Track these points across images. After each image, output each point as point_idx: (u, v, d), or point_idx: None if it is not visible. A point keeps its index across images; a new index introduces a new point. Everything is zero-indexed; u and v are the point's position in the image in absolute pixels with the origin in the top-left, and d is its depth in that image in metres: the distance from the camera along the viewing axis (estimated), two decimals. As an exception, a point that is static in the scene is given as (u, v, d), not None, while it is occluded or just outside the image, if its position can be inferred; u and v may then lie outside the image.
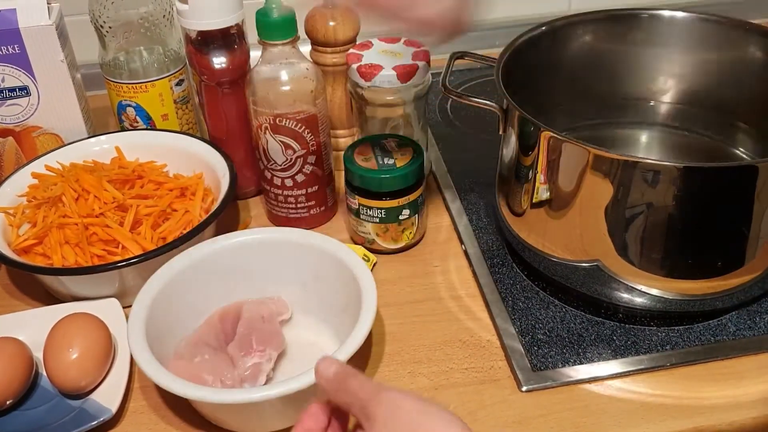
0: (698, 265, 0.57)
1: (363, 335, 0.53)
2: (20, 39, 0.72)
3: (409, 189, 0.67)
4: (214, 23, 0.68)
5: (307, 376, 0.49)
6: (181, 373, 0.52)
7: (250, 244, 0.62)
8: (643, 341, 0.60)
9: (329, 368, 0.44)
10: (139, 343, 0.53)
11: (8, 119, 0.76)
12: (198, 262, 0.60)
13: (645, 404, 0.56)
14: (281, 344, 0.59)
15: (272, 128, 0.68)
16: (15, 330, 0.60)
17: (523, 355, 0.59)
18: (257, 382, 0.56)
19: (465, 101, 0.65)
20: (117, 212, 0.67)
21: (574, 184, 0.57)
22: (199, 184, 0.71)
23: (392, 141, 0.69)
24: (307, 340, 0.61)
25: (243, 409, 0.52)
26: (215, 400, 0.50)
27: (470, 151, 0.84)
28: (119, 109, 0.77)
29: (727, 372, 0.58)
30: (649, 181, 0.53)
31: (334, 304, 0.60)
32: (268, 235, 0.63)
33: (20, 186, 0.71)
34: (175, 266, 0.60)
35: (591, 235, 0.58)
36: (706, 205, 0.55)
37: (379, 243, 0.69)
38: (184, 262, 0.60)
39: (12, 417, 0.56)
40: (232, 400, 0.50)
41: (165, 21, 0.75)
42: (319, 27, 0.75)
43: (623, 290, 0.59)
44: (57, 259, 0.64)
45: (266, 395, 0.49)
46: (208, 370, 0.55)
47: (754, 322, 0.61)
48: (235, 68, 0.71)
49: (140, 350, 0.53)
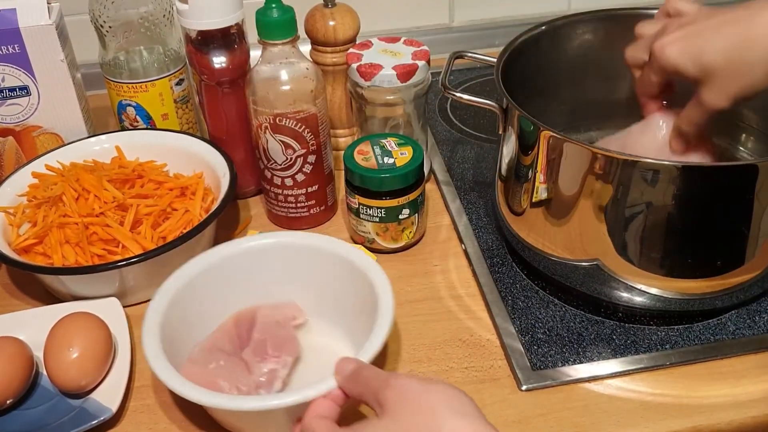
0: (698, 265, 0.57)
1: (381, 341, 0.52)
2: (20, 39, 0.72)
3: (409, 188, 0.67)
4: (214, 23, 0.69)
5: (324, 384, 0.48)
6: (195, 378, 0.52)
7: (263, 247, 0.62)
8: (642, 340, 0.60)
9: (348, 366, 0.47)
10: (153, 348, 0.53)
11: (8, 119, 0.77)
12: (212, 266, 0.60)
13: (644, 403, 0.56)
14: (296, 350, 0.58)
15: (272, 128, 0.68)
16: (15, 329, 0.61)
17: (522, 354, 0.59)
18: (273, 388, 0.55)
19: (465, 101, 0.65)
20: (117, 212, 0.67)
21: (573, 184, 0.57)
22: (199, 183, 0.71)
23: (392, 140, 0.69)
24: (321, 344, 0.60)
25: (258, 416, 0.51)
26: (232, 407, 0.49)
27: (470, 150, 0.84)
28: (119, 109, 0.78)
29: (727, 371, 0.58)
30: (649, 180, 0.53)
31: (348, 308, 0.59)
32: (281, 239, 0.62)
33: (20, 185, 0.71)
34: (189, 270, 0.59)
35: (590, 234, 0.58)
36: (705, 205, 0.55)
37: (379, 242, 0.69)
38: (198, 266, 0.59)
39: (12, 416, 0.56)
40: (248, 408, 0.49)
41: (165, 20, 0.75)
42: (319, 26, 0.75)
43: (623, 289, 0.60)
44: (57, 258, 0.65)
45: (283, 403, 0.48)
46: (224, 376, 0.54)
47: (754, 321, 0.62)
48: (235, 68, 0.71)
49: (155, 356, 0.52)
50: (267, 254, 0.61)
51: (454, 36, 1.07)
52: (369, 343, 0.52)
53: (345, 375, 0.47)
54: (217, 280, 0.60)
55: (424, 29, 1.07)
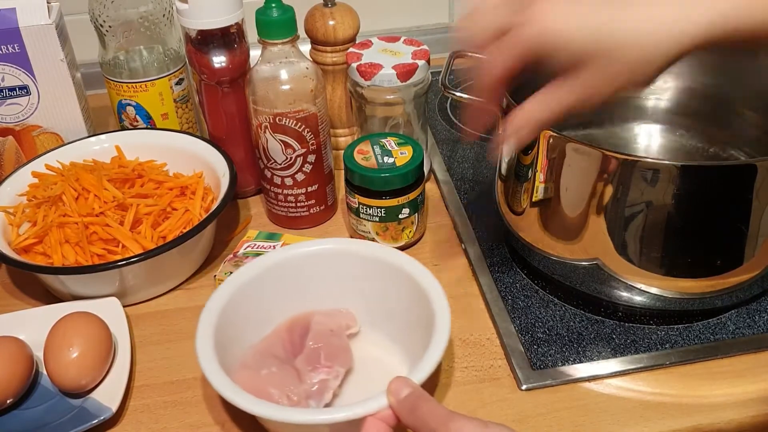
0: (697, 264, 0.57)
1: (437, 359, 0.51)
2: (20, 38, 0.72)
3: (409, 188, 0.67)
4: (214, 22, 0.69)
5: (375, 402, 0.47)
6: (246, 384, 0.51)
7: (319, 253, 0.61)
8: (642, 340, 0.60)
9: (402, 389, 0.45)
10: (207, 353, 0.52)
11: (8, 118, 0.77)
12: (266, 270, 0.59)
13: (644, 403, 0.56)
14: (349, 361, 0.57)
15: (272, 127, 0.68)
16: (15, 329, 0.61)
17: (522, 353, 0.59)
18: (323, 399, 0.54)
19: (465, 100, 0.65)
20: (117, 211, 0.67)
21: (573, 183, 0.57)
22: (199, 183, 0.71)
23: (392, 140, 0.69)
24: (373, 356, 0.59)
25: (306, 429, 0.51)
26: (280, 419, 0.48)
27: (470, 150, 0.84)
28: (119, 109, 0.78)
29: (726, 370, 0.58)
30: (649, 179, 0.53)
31: (403, 320, 0.58)
32: (337, 245, 0.61)
33: (20, 185, 0.71)
34: (244, 274, 0.58)
35: (590, 233, 0.58)
36: (705, 204, 0.55)
37: (379, 242, 0.69)
38: (253, 271, 0.59)
39: (12, 416, 0.56)
40: (297, 421, 0.48)
41: (165, 20, 0.75)
42: (318, 26, 0.75)
43: (623, 289, 0.60)
44: (57, 258, 0.65)
45: (332, 418, 0.48)
46: (275, 384, 0.54)
47: (754, 320, 0.62)
48: (235, 67, 0.71)
49: (208, 361, 0.52)
50: (322, 260, 0.60)
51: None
52: (424, 361, 0.50)
53: (400, 399, 0.45)
54: (270, 284, 0.59)
55: (424, 28, 1.07)
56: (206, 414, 0.56)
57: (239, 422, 0.56)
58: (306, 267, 0.60)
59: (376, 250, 0.60)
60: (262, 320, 0.59)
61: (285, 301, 0.60)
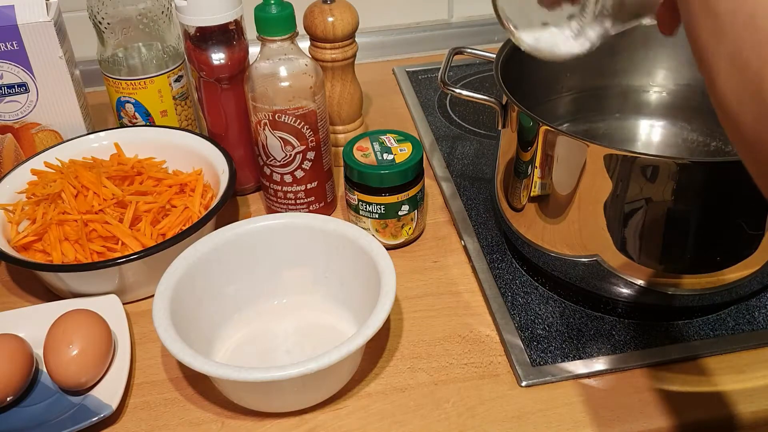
0: (697, 260, 0.57)
1: (381, 319, 0.54)
2: (18, 35, 0.72)
3: (409, 185, 0.67)
4: (213, 19, 0.68)
5: (326, 358, 0.51)
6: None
7: (273, 228, 0.63)
8: (642, 336, 0.60)
9: None
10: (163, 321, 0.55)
11: (7, 116, 0.76)
12: (220, 245, 0.62)
13: (644, 399, 0.56)
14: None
15: (271, 124, 0.68)
16: (15, 327, 0.61)
17: (522, 350, 0.59)
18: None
19: (464, 97, 0.65)
20: (116, 209, 0.67)
21: (573, 179, 0.57)
22: (199, 180, 0.71)
23: (391, 137, 0.69)
24: (327, 323, 0.63)
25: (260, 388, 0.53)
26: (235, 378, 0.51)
27: (469, 146, 0.84)
28: (118, 106, 0.77)
29: (726, 366, 0.58)
30: (648, 176, 0.53)
31: (355, 290, 0.61)
32: (291, 219, 0.64)
33: (19, 183, 0.71)
34: (198, 249, 0.61)
35: (590, 230, 0.58)
36: (705, 200, 0.55)
37: (379, 239, 0.69)
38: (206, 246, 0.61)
39: (12, 413, 0.56)
40: (252, 379, 0.51)
41: (163, 17, 0.75)
42: (317, 23, 0.75)
43: (622, 285, 0.60)
44: (56, 255, 0.65)
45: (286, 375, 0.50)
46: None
47: (753, 316, 0.62)
48: (234, 64, 0.71)
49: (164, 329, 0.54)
50: (276, 234, 0.63)
51: (453, 32, 1.07)
52: (371, 319, 0.54)
53: None
54: (224, 259, 0.62)
55: (423, 25, 1.07)
56: (206, 411, 0.56)
57: (239, 418, 0.56)
58: (259, 242, 0.63)
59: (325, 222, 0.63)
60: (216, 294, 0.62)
61: (237, 275, 0.63)
